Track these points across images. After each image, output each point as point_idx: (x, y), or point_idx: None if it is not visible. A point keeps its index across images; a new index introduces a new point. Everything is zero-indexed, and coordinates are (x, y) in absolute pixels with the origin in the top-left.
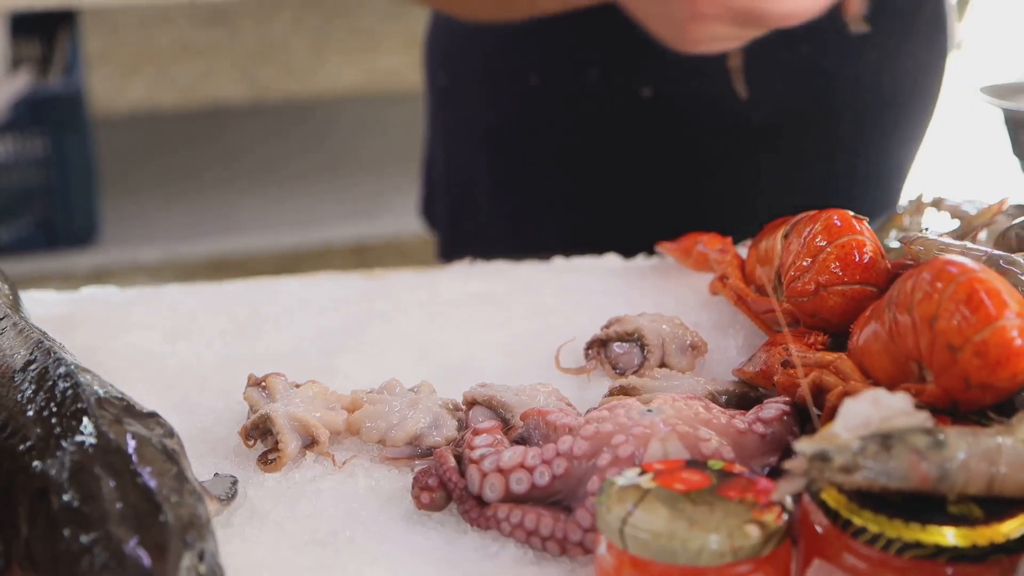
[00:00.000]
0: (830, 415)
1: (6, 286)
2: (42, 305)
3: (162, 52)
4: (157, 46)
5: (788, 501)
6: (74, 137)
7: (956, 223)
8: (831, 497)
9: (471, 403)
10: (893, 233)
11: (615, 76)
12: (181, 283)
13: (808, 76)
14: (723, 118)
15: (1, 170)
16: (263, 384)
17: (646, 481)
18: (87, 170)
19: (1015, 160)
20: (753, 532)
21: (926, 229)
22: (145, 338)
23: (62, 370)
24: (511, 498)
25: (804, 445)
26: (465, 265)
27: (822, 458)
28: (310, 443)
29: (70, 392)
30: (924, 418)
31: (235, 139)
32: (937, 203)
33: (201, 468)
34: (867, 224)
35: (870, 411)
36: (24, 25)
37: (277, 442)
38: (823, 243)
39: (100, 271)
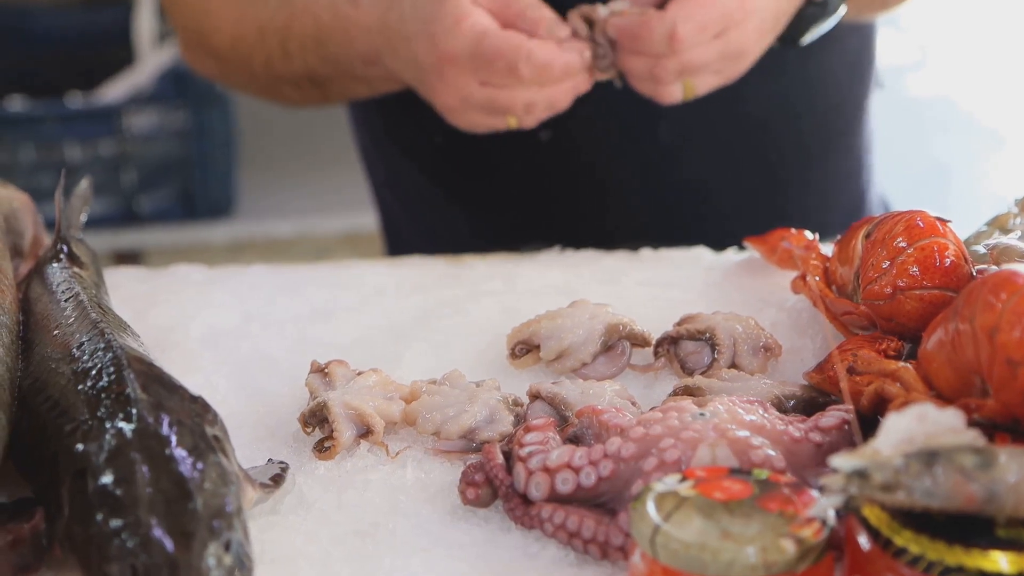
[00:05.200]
0: None
1: (88, 261)
2: (129, 282)
3: None
4: None
5: (831, 516)
6: (215, 111)
7: None
8: (873, 514)
9: (535, 396)
10: (996, 234)
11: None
12: (267, 263)
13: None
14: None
15: (144, 142)
16: (325, 371)
17: (685, 488)
18: (226, 143)
19: None
20: (789, 547)
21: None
22: (222, 319)
23: (111, 354)
24: (556, 498)
25: (842, 461)
26: (552, 253)
27: (861, 475)
28: (365, 432)
29: (115, 376)
30: (973, 436)
31: None
32: None
33: (258, 452)
34: (951, 227)
35: (914, 427)
36: None
37: (332, 430)
38: (903, 244)
39: (236, 243)
